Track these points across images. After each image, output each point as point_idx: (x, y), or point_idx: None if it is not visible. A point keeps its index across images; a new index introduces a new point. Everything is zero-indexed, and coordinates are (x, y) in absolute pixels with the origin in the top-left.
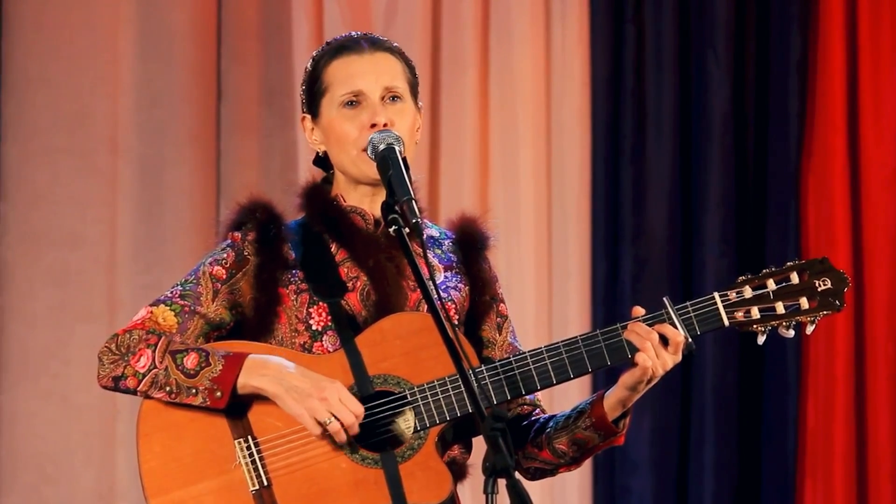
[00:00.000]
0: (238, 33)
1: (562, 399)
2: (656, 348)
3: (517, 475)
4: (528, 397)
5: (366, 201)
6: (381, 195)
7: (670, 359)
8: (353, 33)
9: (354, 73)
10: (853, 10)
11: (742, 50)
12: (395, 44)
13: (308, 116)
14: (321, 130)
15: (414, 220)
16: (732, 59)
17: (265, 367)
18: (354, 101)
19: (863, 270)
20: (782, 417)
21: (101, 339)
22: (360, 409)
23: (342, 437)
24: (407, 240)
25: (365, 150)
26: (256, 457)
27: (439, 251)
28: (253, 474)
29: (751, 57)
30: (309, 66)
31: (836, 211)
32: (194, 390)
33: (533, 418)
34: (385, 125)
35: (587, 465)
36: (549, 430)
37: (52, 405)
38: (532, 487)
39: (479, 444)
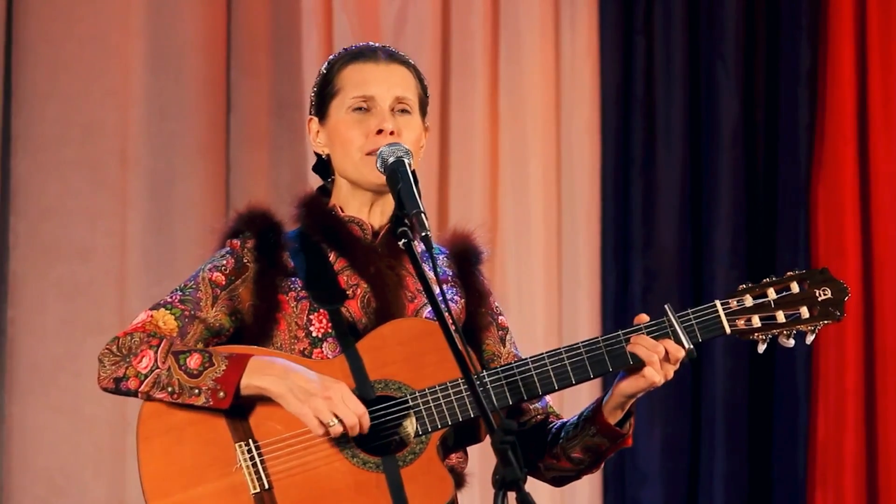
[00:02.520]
0: (248, 46)
1: (572, 402)
2: (662, 362)
3: (528, 483)
4: (538, 405)
5: (364, 210)
6: (381, 203)
7: (671, 370)
8: (372, 43)
9: (368, 79)
10: (863, 20)
11: (751, 61)
12: (412, 60)
13: (315, 118)
14: (326, 133)
15: (424, 233)
16: (742, 69)
17: (269, 368)
18: (364, 106)
19: (872, 282)
20: (792, 429)
21: None
22: (361, 409)
23: (339, 440)
24: (415, 252)
25: (369, 154)
26: (257, 460)
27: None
28: (254, 477)
29: (760, 68)
30: (323, 68)
31: (846, 221)
32: (197, 390)
33: (548, 427)
34: (392, 133)
35: (598, 476)
36: (561, 440)
37: (63, 418)
38: (542, 500)
39: (479, 453)
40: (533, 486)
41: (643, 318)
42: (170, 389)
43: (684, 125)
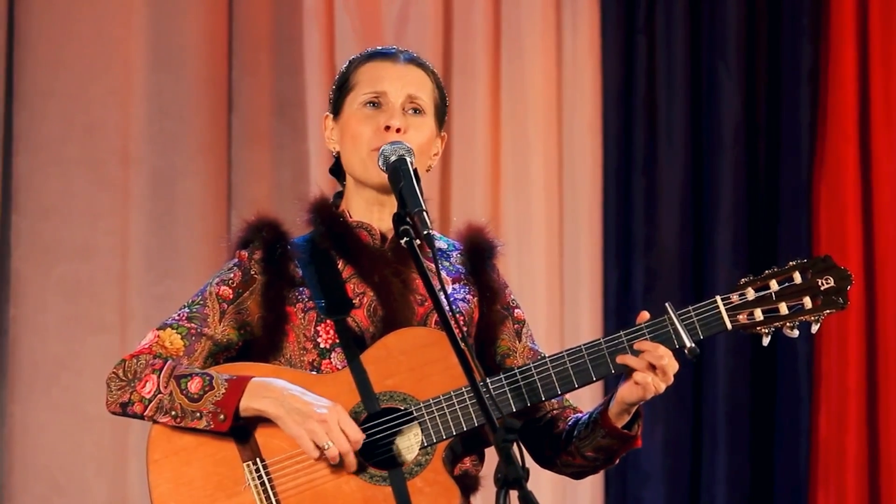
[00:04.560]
0: (249, 45)
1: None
2: (655, 376)
3: (531, 481)
4: (554, 400)
5: (374, 213)
6: (388, 206)
7: (670, 376)
8: (394, 47)
9: (383, 76)
10: (864, 20)
11: (753, 61)
12: (434, 67)
13: (330, 115)
14: (339, 128)
15: (425, 232)
16: (744, 69)
17: (268, 390)
18: (375, 102)
19: (874, 281)
20: (794, 428)
21: (113, 351)
22: (358, 435)
23: (338, 462)
24: (418, 252)
25: (376, 150)
26: (266, 479)
27: (447, 263)
28: (262, 496)
29: (762, 68)
30: (343, 66)
31: (848, 221)
32: (198, 414)
33: (563, 424)
34: (398, 130)
35: (599, 476)
36: (574, 439)
37: (64, 416)
38: (544, 499)
39: (492, 456)
40: (535, 484)
41: (645, 315)
42: (173, 413)
43: (686, 125)
